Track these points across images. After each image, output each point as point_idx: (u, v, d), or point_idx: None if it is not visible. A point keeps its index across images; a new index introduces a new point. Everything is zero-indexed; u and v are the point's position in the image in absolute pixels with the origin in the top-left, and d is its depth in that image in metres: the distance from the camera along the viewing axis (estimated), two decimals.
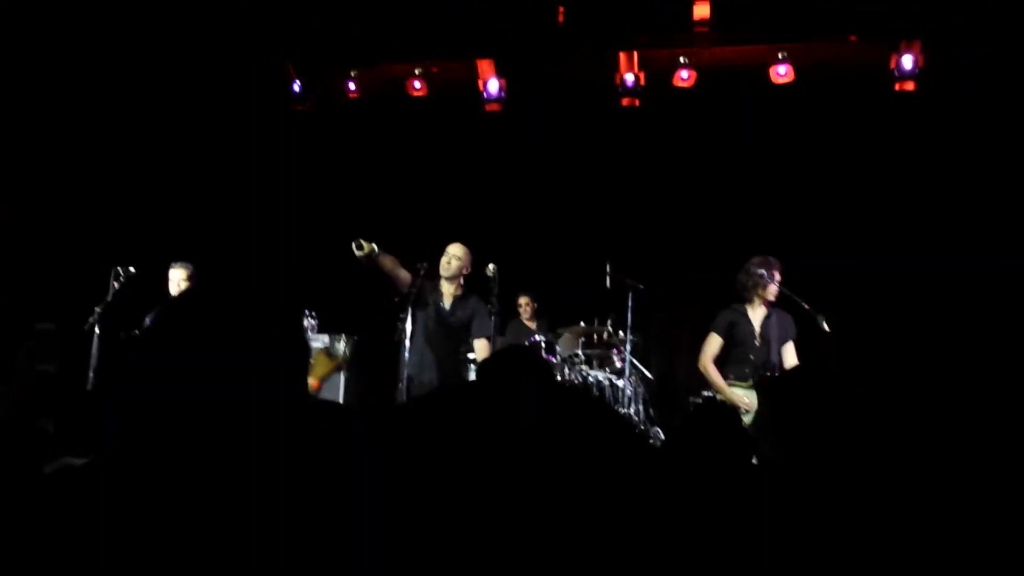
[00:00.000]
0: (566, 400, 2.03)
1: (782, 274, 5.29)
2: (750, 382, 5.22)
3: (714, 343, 5.33)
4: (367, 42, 7.50)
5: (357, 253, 5.19)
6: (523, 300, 7.46)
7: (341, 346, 6.29)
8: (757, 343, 5.27)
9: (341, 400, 6.32)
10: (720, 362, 5.33)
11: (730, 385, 5.24)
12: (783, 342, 5.33)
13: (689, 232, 7.65)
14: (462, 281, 5.46)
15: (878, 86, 7.19)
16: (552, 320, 7.34)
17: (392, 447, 1.22)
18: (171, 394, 1.23)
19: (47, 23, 6.79)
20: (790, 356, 5.35)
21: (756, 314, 5.32)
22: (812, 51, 7.21)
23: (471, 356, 5.93)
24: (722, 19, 7.21)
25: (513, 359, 2.06)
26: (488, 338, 5.40)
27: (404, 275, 5.36)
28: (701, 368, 5.37)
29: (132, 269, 5.91)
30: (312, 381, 5.51)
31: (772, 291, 5.24)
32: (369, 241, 5.24)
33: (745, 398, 5.17)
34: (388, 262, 5.35)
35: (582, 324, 6.96)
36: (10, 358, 6.01)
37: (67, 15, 6.71)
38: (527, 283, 7.34)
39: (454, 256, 5.38)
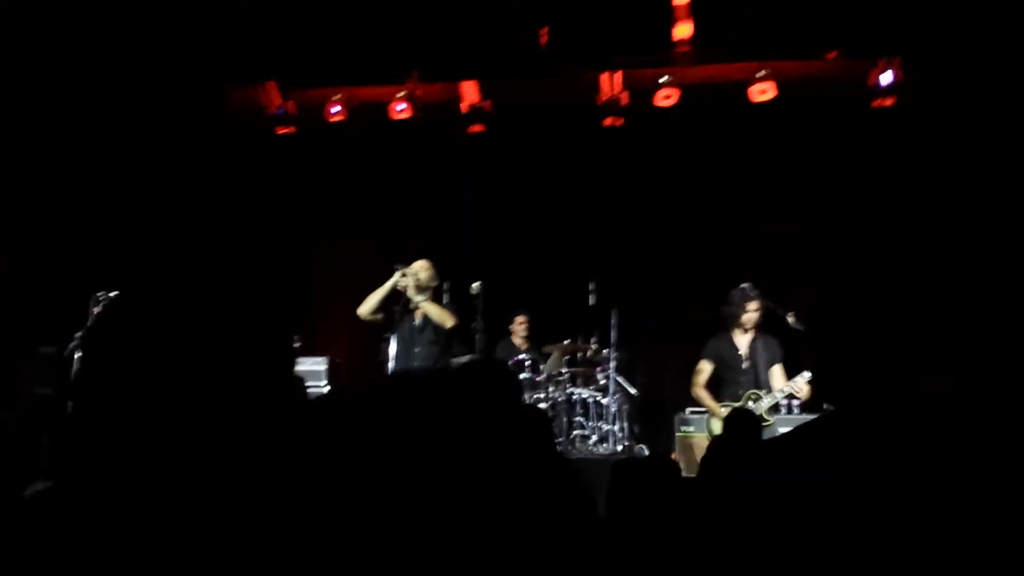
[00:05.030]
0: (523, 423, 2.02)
1: (761, 302, 5.67)
2: (743, 402, 5.54)
3: (705, 369, 5.78)
4: (350, 64, 7.51)
5: (402, 282, 5.64)
6: (518, 319, 7.29)
7: None
8: (744, 366, 5.68)
9: None
10: (714, 386, 5.76)
11: (723, 406, 5.54)
12: (770, 364, 5.69)
13: (675, 248, 7.66)
14: (431, 295, 5.81)
15: (858, 102, 7.24)
16: (536, 338, 7.29)
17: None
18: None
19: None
20: (777, 378, 5.68)
21: (741, 340, 5.74)
22: (793, 68, 7.26)
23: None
24: (703, 38, 7.25)
25: (487, 372, 2.03)
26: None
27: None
28: (693, 394, 5.80)
29: (111, 294, 5.88)
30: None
31: (748, 319, 5.66)
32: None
33: None
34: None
35: (567, 342, 6.94)
36: (8, 381, 6.02)
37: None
38: (515, 302, 7.28)
39: (421, 269, 5.77)
